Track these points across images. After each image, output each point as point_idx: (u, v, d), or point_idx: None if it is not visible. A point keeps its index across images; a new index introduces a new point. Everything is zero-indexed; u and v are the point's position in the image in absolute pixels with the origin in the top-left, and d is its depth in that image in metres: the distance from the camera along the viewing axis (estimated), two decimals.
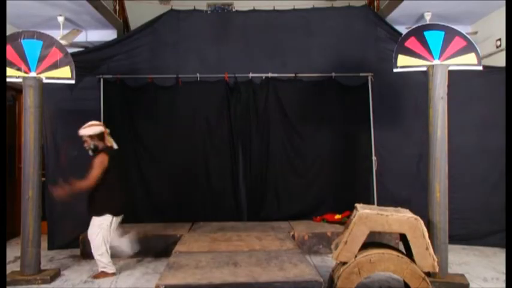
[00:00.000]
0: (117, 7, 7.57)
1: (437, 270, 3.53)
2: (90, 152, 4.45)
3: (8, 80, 4.45)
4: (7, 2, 5.57)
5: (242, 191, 6.17)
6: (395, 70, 4.55)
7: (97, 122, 4.57)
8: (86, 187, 4.31)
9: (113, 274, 4.53)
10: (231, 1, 9.40)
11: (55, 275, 4.53)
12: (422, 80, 4.83)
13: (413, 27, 4.72)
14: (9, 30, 6.23)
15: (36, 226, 4.41)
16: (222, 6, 9.24)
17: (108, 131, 4.57)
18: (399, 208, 3.80)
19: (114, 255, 4.62)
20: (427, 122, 4.42)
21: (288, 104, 6.18)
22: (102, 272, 4.52)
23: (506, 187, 4.04)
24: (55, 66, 4.55)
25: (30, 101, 4.41)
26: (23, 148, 4.43)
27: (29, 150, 4.39)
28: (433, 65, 4.37)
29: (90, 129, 4.43)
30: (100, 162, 4.33)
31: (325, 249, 5.31)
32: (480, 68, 4.42)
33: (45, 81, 4.53)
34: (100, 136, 4.47)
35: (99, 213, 4.41)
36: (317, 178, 6.18)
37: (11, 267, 4.86)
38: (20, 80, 4.46)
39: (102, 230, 4.40)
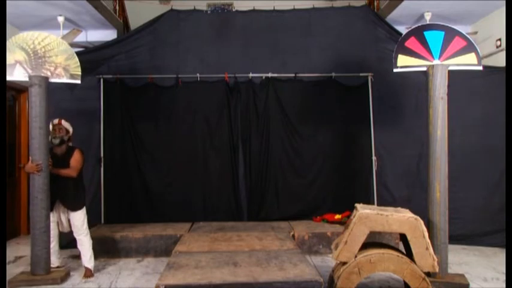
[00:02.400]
0: (117, 7, 7.56)
1: (437, 270, 3.52)
2: (56, 141, 4.53)
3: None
4: (7, 2, 5.58)
5: (242, 191, 6.17)
6: (395, 70, 4.55)
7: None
8: (65, 175, 4.48)
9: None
10: (231, 1, 9.40)
11: (65, 275, 4.52)
12: (422, 80, 4.83)
13: (413, 27, 4.72)
14: (10, 30, 6.25)
15: (44, 226, 4.40)
16: (222, 6, 9.24)
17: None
18: (399, 208, 3.80)
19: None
20: (427, 122, 4.42)
21: (288, 104, 6.19)
22: (90, 269, 4.64)
23: (506, 187, 4.04)
24: None
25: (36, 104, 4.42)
26: (30, 148, 4.42)
27: (37, 150, 4.37)
28: (433, 65, 4.37)
29: (69, 126, 4.65)
30: (80, 159, 4.61)
31: (325, 249, 5.31)
32: (480, 68, 4.42)
33: None
34: (70, 136, 4.69)
35: (81, 206, 4.64)
36: (317, 178, 6.18)
37: (11, 267, 4.87)
38: (25, 78, 4.46)
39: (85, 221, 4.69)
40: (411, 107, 5.98)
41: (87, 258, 4.59)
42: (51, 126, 4.55)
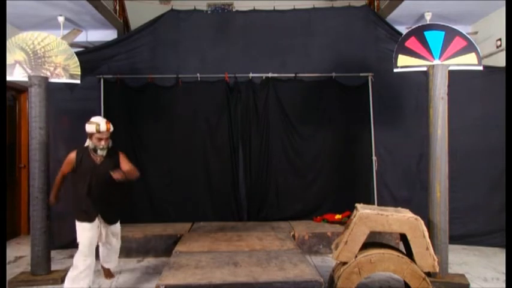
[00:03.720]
0: (117, 7, 7.56)
1: (437, 270, 3.52)
2: (104, 152, 3.92)
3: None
4: (7, 2, 5.57)
5: (242, 191, 6.17)
6: (395, 70, 4.56)
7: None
8: (133, 176, 4.04)
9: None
10: (231, 1, 9.39)
11: (65, 276, 4.50)
12: (422, 80, 4.83)
13: (414, 27, 4.72)
14: (10, 30, 6.25)
15: (44, 226, 4.40)
16: (222, 7, 9.23)
17: None
18: (399, 208, 3.80)
19: None
20: (428, 122, 4.42)
21: (288, 104, 6.19)
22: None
23: (506, 187, 4.04)
24: None
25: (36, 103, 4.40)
26: (30, 149, 4.41)
27: (37, 150, 4.38)
28: (433, 65, 4.37)
29: (111, 126, 3.99)
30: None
31: (325, 249, 5.31)
32: (480, 68, 4.42)
33: None
34: None
35: (119, 218, 4.28)
36: (317, 178, 6.18)
37: (12, 267, 4.87)
38: (25, 79, 4.45)
39: None
40: (411, 107, 5.98)
41: (115, 260, 4.43)
42: (93, 130, 3.88)
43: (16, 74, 4.46)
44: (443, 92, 4.31)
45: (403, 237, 3.57)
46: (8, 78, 4.45)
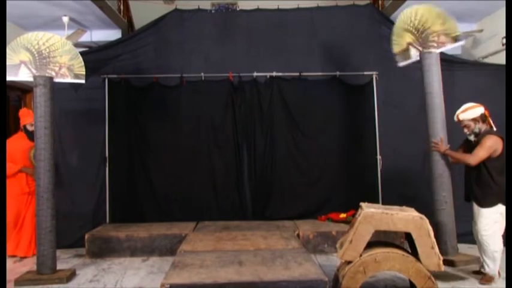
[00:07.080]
0: (122, 7, 7.59)
1: (442, 269, 3.50)
2: (472, 137, 4.16)
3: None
4: (13, 2, 5.61)
5: (247, 190, 6.17)
6: (399, 65, 4.57)
7: (474, 104, 4.21)
8: (464, 162, 4.15)
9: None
10: (235, 0, 9.40)
11: (71, 275, 4.51)
12: None
13: None
14: (15, 30, 6.29)
15: (50, 226, 4.41)
16: (226, 6, 9.23)
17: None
18: (404, 207, 3.78)
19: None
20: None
21: (292, 103, 6.18)
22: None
23: (507, 187, 4.01)
24: None
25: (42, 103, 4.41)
26: (37, 148, 4.42)
27: (43, 150, 4.39)
28: (424, 52, 4.48)
29: (471, 112, 4.14)
30: (491, 146, 4.01)
31: (330, 248, 5.30)
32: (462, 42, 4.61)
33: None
34: (483, 118, 4.15)
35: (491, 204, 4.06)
36: (322, 177, 6.17)
37: (17, 267, 4.91)
38: (30, 79, 4.47)
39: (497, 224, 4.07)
40: (416, 106, 5.93)
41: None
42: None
43: (21, 74, 4.47)
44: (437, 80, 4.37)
45: (408, 236, 3.56)
46: (13, 78, 4.47)
